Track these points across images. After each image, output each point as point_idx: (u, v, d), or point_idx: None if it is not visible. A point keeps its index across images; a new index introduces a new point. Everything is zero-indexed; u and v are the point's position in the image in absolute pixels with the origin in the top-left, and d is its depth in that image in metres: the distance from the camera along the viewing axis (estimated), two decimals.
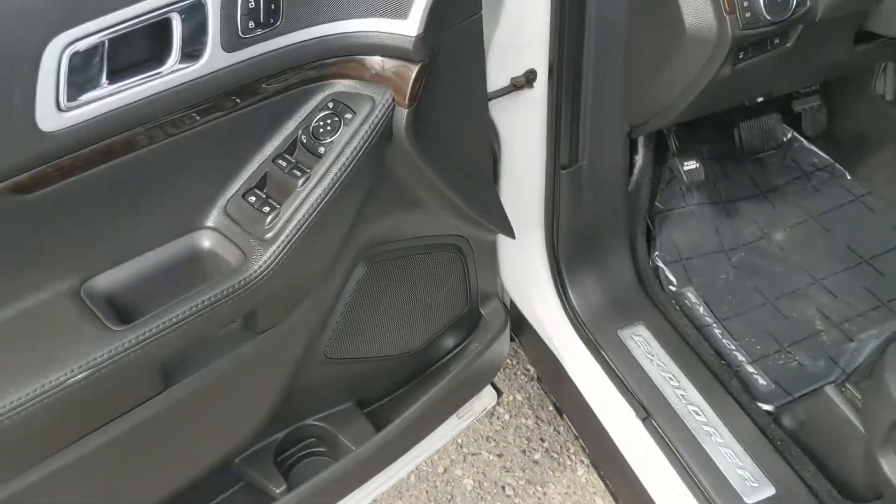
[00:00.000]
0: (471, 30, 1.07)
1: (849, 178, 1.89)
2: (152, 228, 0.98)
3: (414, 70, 0.98)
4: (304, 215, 0.98)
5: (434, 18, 0.96)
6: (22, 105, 0.79)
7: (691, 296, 1.71)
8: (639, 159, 1.56)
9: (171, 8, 0.85)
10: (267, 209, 0.99)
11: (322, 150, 1.00)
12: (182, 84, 0.89)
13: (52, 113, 0.81)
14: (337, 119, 1.01)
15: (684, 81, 1.25)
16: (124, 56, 0.86)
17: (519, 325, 1.76)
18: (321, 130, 1.01)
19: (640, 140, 1.54)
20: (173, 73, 0.88)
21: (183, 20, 0.86)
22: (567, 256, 1.56)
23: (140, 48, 0.87)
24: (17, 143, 0.81)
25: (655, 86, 1.31)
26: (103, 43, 0.82)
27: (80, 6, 0.79)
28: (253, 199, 1.00)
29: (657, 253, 1.74)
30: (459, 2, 1.02)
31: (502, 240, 1.53)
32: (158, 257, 0.99)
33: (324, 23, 0.97)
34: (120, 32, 0.83)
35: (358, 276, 1.18)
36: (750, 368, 1.56)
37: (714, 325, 1.66)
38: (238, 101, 0.96)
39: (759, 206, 1.87)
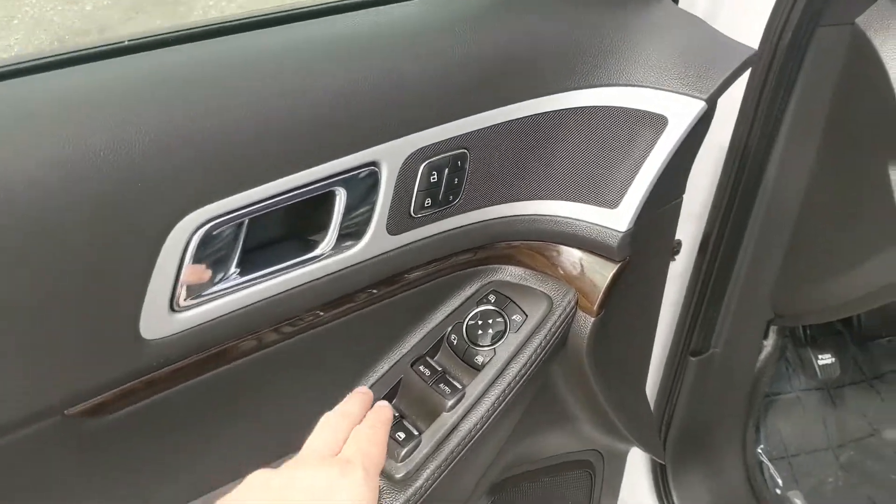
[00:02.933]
0: (667, 218, 0.85)
1: None
2: (241, 454, 0.72)
3: (612, 270, 0.75)
4: (451, 451, 0.73)
5: (645, 208, 0.74)
6: (126, 306, 0.55)
7: (799, 502, 1.47)
8: (768, 346, 1.34)
9: (336, 179, 0.61)
10: (401, 435, 0.74)
11: (479, 359, 0.76)
12: (325, 276, 0.65)
13: (161, 315, 0.57)
14: (501, 320, 0.77)
15: (881, 281, 1.04)
16: (260, 240, 0.62)
17: None
18: (478, 332, 0.77)
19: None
20: (319, 262, 0.64)
21: (348, 195, 0.63)
22: (674, 456, 1.32)
23: (279, 230, 0.64)
24: (106, 358, 0.56)
25: (837, 282, 1.09)
26: (242, 224, 0.59)
27: (226, 177, 0.56)
28: None
29: (762, 447, 1.50)
30: (669, 184, 0.79)
31: None
32: None
33: (506, 202, 0.74)
34: (266, 210, 0.59)
35: None
36: None
37: None
38: (374, 291, 0.72)
39: (866, 395, 1.65)
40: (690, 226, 1.09)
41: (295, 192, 0.59)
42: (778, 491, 1.46)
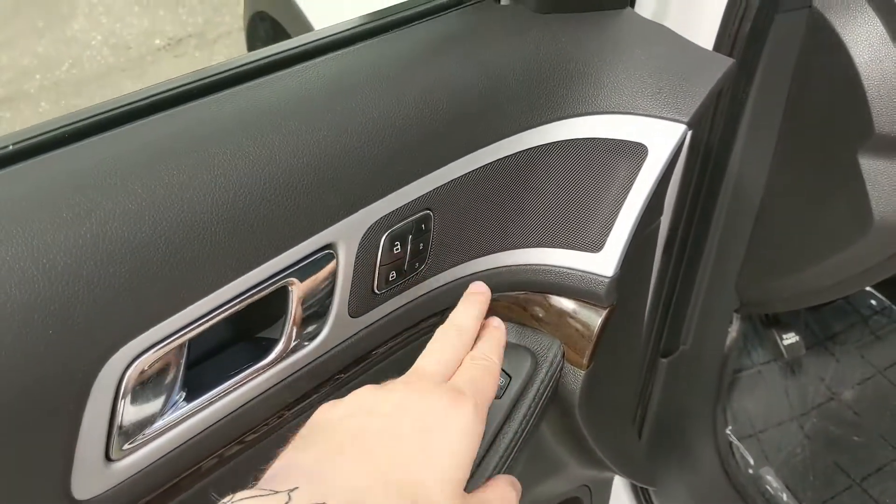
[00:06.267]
0: (648, 243, 0.78)
1: None
2: None
3: (600, 317, 0.68)
4: None
5: (631, 247, 0.66)
6: (54, 467, 0.45)
7: (771, 479, 1.45)
8: (733, 332, 1.30)
9: (289, 272, 0.52)
10: None
11: None
12: (285, 378, 0.56)
13: (96, 469, 0.47)
14: None
15: (852, 271, 1.00)
16: (206, 352, 0.53)
17: None
18: None
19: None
20: (277, 365, 0.55)
21: (303, 285, 0.53)
22: (648, 456, 1.27)
23: (227, 336, 0.54)
24: None
25: (806, 273, 1.05)
26: (183, 346, 0.48)
27: (162, 296, 0.45)
28: None
29: (730, 427, 1.47)
30: (651, 211, 0.72)
31: None
32: None
33: (478, 256, 0.65)
34: (209, 323, 0.49)
35: None
36: None
37: None
38: (341, 376, 0.63)
39: (821, 359, 1.64)
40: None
41: (243, 297, 0.50)
42: (750, 471, 1.44)
